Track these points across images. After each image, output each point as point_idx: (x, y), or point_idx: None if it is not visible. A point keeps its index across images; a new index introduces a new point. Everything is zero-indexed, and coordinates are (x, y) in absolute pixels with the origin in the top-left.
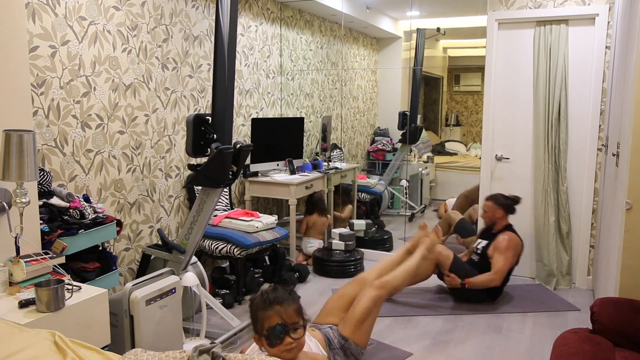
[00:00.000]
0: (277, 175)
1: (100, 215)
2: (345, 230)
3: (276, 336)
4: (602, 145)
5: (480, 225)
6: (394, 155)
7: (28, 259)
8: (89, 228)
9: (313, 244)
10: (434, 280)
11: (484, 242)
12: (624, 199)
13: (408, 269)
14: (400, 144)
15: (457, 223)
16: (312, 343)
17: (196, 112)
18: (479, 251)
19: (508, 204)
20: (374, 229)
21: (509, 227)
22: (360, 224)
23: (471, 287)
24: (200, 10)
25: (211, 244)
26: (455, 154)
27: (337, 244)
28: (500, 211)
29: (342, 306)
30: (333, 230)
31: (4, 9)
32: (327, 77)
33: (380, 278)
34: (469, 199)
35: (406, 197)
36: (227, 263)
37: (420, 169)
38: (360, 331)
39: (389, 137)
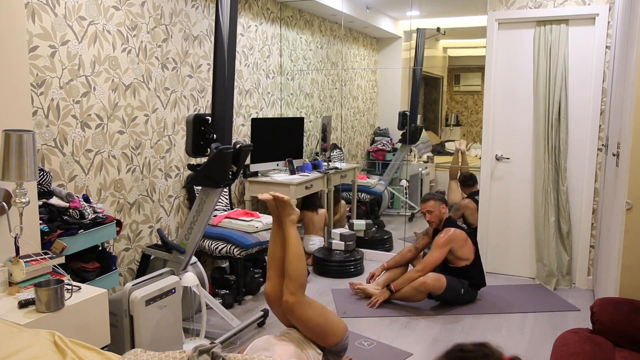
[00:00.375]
0: (277, 175)
1: (100, 215)
2: (345, 230)
3: None
4: (602, 145)
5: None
6: (394, 155)
7: (28, 259)
8: (89, 228)
9: (314, 242)
10: None
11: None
12: (624, 199)
13: (295, 255)
14: (400, 144)
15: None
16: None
17: (196, 112)
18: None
19: (444, 197)
20: (374, 229)
21: (448, 222)
22: (360, 224)
23: (398, 288)
24: (200, 10)
25: (211, 244)
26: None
27: (337, 244)
28: (443, 205)
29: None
30: (333, 230)
31: (4, 9)
32: (327, 77)
33: (285, 291)
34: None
35: (406, 197)
36: (227, 263)
37: (420, 169)
38: (326, 337)
39: (389, 137)
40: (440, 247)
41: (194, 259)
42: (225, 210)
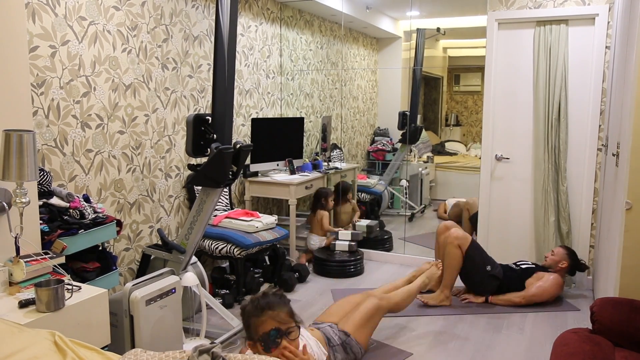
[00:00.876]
0: (277, 175)
1: (100, 215)
2: (355, 232)
3: (272, 341)
4: (602, 145)
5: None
6: (393, 155)
7: (28, 259)
8: (89, 228)
9: (314, 241)
10: None
11: (529, 264)
12: (624, 199)
13: (409, 290)
14: (400, 144)
15: (471, 216)
16: (312, 341)
17: (196, 112)
18: (519, 266)
19: (575, 264)
20: (378, 228)
21: (561, 273)
22: (361, 225)
23: (496, 302)
24: (200, 10)
25: (211, 244)
26: (455, 154)
27: (340, 245)
28: (565, 264)
29: (344, 309)
30: (343, 231)
31: (4, 9)
32: (327, 77)
33: (386, 293)
34: (460, 209)
35: (406, 197)
36: (227, 263)
37: (420, 169)
38: (359, 332)
39: (389, 137)
40: (553, 287)
41: (194, 258)
42: (226, 210)
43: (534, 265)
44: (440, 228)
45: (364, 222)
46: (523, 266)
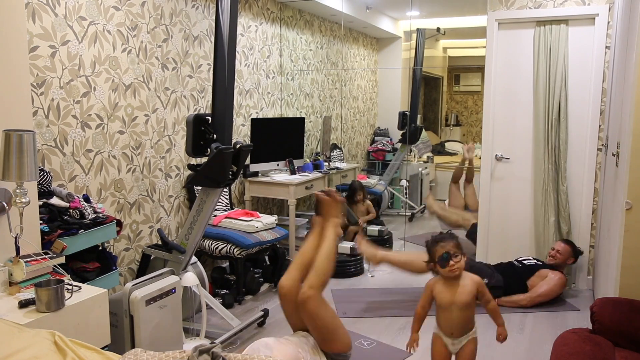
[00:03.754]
0: (277, 176)
1: (100, 215)
2: (353, 246)
3: (443, 260)
4: (602, 145)
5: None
6: (394, 155)
7: (28, 259)
8: (89, 228)
9: None
10: None
11: (532, 261)
12: (624, 199)
13: (327, 254)
14: (400, 144)
15: (470, 228)
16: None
17: (196, 112)
18: (522, 262)
19: (578, 254)
20: (387, 234)
21: (562, 268)
22: (372, 230)
23: (500, 304)
24: (200, 10)
25: (211, 244)
26: (455, 154)
27: (342, 248)
28: (572, 260)
29: (301, 322)
30: (343, 244)
31: (4, 9)
32: (327, 77)
33: (303, 285)
34: (457, 181)
35: (406, 197)
36: (227, 263)
37: (420, 169)
38: (334, 342)
39: (389, 137)
40: (556, 287)
41: (194, 258)
42: (226, 210)
43: (534, 262)
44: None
45: (376, 227)
46: (525, 262)
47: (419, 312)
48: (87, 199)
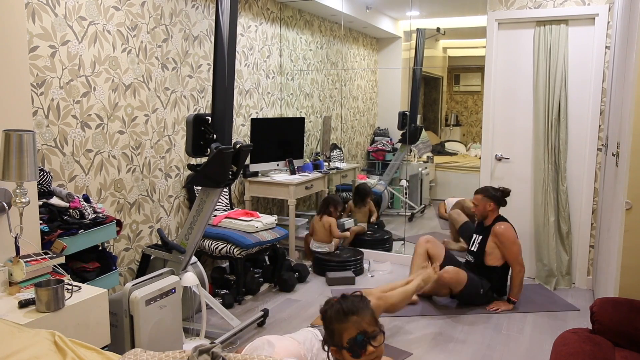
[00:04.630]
0: (276, 176)
1: (100, 215)
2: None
3: (359, 346)
4: (602, 145)
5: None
6: (393, 155)
7: (28, 259)
8: (89, 228)
9: (315, 247)
10: None
11: (479, 238)
12: (624, 199)
13: (406, 291)
14: (400, 144)
15: (460, 226)
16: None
17: (196, 112)
18: (474, 248)
19: (498, 195)
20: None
21: (501, 218)
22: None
23: (517, 298)
24: (200, 10)
25: (211, 244)
26: (455, 154)
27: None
28: (490, 203)
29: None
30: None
31: (4, 9)
32: (327, 77)
33: (382, 293)
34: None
35: (406, 197)
36: (227, 263)
37: (420, 169)
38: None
39: (388, 137)
40: (514, 241)
41: (194, 258)
42: (225, 210)
43: (477, 245)
44: (420, 242)
45: (351, 220)
46: (475, 250)
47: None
48: (87, 199)
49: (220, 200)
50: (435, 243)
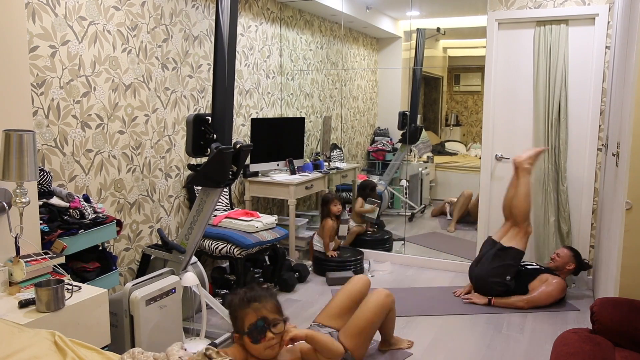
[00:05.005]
0: (277, 175)
1: (100, 215)
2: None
3: (258, 332)
4: (602, 145)
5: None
6: (394, 155)
7: (28, 259)
8: (89, 228)
9: (318, 243)
10: (433, 281)
11: (535, 265)
12: (624, 199)
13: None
14: (400, 144)
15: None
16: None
17: (196, 112)
18: (525, 267)
19: (580, 265)
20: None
21: (563, 274)
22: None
23: (497, 305)
24: (200, 10)
25: (211, 244)
26: (455, 154)
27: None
28: (572, 266)
29: (347, 307)
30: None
31: (4, 9)
32: (327, 77)
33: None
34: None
35: (406, 197)
36: (227, 263)
37: (420, 169)
38: (360, 342)
39: (389, 137)
40: (556, 291)
41: (194, 258)
42: (225, 210)
43: (538, 267)
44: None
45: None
46: (528, 267)
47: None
48: (87, 199)
49: (220, 200)
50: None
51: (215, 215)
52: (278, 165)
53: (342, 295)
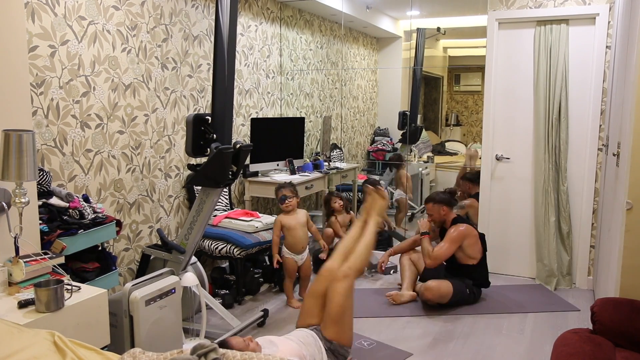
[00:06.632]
0: (277, 175)
1: (100, 215)
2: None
3: (281, 200)
4: (603, 145)
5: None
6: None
7: (27, 259)
8: (89, 228)
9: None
10: None
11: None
12: (625, 199)
13: (367, 245)
14: (400, 144)
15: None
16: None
17: (196, 112)
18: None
19: (447, 198)
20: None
21: (457, 220)
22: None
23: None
24: (200, 10)
25: (211, 244)
26: (455, 154)
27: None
28: (443, 207)
29: (317, 305)
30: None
31: (4, 9)
32: (327, 77)
33: (343, 265)
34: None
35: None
36: (227, 263)
37: (420, 169)
38: (341, 329)
39: (389, 137)
40: (451, 241)
41: (193, 259)
42: (225, 210)
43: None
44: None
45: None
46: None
47: (275, 240)
48: (86, 199)
49: (220, 200)
50: (419, 254)
51: (215, 215)
52: (278, 165)
53: (309, 296)
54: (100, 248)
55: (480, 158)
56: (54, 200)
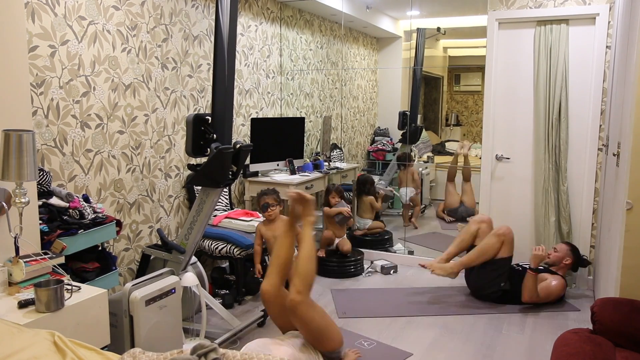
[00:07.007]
0: (277, 175)
1: (100, 215)
2: (386, 263)
3: (263, 208)
4: (603, 145)
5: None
6: (394, 155)
7: (27, 259)
8: (89, 228)
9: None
10: (434, 281)
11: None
12: (625, 199)
13: (308, 255)
14: (400, 144)
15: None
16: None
17: (196, 112)
18: (522, 266)
19: (578, 260)
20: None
21: (561, 272)
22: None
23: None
24: (200, 10)
25: (211, 244)
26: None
27: (374, 265)
28: (569, 260)
29: (289, 322)
30: (375, 262)
31: (4, 9)
32: (327, 77)
33: (292, 288)
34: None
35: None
36: (227, 263)
37: (420, 169)
38: (326, 342)
39: (389, 137)
40: (552, 291)
41: (194, 259)
42: (225, 210)
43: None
44: (476, 218)
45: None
46: (526, 266)
47: (256, 249)
48: (86, 199)
49: (220, 200)
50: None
51: (215, 215)
52: (278, 165)
53: (275, 321)
54: (100, 248)
55: (470, 149)
56: (54, 200)
